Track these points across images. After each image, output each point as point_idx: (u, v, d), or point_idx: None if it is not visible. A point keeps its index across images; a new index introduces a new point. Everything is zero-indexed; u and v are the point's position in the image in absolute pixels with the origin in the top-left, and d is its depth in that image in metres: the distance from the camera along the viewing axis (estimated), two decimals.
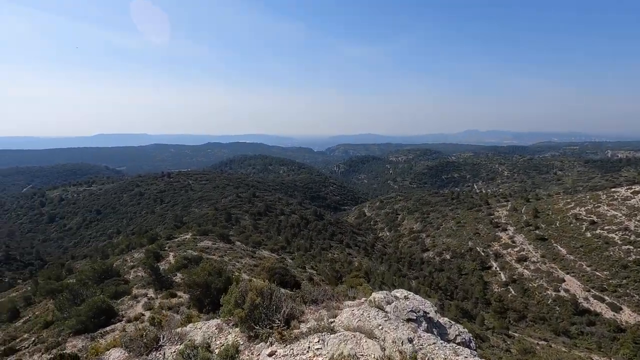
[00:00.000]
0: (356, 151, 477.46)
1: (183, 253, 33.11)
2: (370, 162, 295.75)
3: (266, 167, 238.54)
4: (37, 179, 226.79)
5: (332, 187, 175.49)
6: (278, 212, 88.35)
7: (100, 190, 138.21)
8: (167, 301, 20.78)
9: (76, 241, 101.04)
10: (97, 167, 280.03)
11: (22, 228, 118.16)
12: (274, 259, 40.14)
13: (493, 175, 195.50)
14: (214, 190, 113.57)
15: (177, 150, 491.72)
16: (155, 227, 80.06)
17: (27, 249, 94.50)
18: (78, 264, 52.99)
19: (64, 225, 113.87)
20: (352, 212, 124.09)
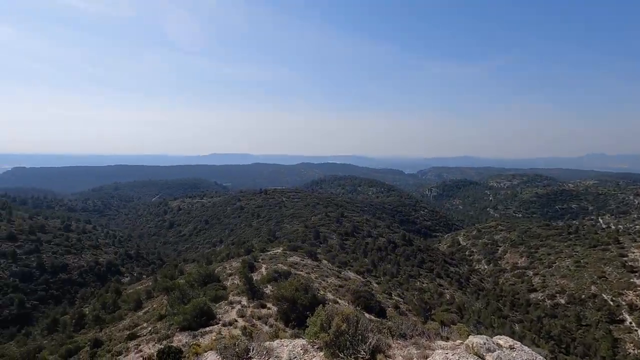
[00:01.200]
0: (451, 174, 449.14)
1: (274, 266, 34.94)
2: (466, 186, 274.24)
3: (355, 187, 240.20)
4: (164, 191, 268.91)
5: (423, 211, 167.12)
6: (365, 233, 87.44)
7: (209, 202, 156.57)
8: (257, 311, 22.01)
9: (188, 246, 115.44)
10: (208, 182, 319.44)
11: (149, 231, 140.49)
12: (360, 281, 39.50)
13: (626, 208, 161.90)
14: (305, 208, 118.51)
15: (275, 169, 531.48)
16: (252, 240, 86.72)
17: (151, 249, 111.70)
18: (188, 266, 60.26)
19: (180, 231, 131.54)
20: (445, 240, 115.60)
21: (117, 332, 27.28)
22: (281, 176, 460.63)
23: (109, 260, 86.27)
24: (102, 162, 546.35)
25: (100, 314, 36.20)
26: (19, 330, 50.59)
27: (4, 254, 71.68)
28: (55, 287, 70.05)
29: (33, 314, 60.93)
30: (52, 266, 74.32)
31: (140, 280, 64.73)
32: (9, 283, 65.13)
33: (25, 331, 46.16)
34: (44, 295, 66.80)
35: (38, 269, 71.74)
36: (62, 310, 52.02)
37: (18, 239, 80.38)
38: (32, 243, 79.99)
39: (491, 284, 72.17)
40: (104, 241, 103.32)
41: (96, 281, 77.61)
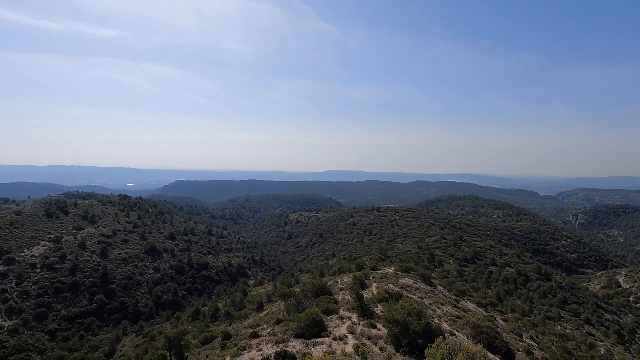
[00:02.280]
0: (605, 198, 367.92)
1: (385, 286, 34.15)
2: (630, 214, 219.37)
3: (477, 209, 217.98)
4: (285, 204, 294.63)
5: (565, 241, 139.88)
6: (489, 261, 77.96)
7: (324, 217, 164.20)
8: (367, 330, 21.76)
9: (304, 257, 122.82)
10: (324, 198, 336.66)
11: (271, 240, 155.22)
12: (482, 315, 35.27)
13: None
14: (419, 228, 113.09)
15: (388, 187, 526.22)
16: (363, 257, 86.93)
17: (272, 257, 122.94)
18: (303, 276, 63.99)
19: (297, 242, 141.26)
20: (597, 279, 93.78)
21: (242, 328, 30.65)
22: (394, 194, 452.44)
23: (239, 264, 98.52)
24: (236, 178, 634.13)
25: (231, 310, 41.33)
26: (173, 314, 61.72)
27: (167, 250, 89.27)
28: (198, 281, 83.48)
29: (182, 303, 73.69)
30: (198, 264, 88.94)
31: (262, 284, 71.70)
32: (169, 274, 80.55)
33: (176, 316, 56.07)
34: (191, 287, 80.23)
35: (188, 264, 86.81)
36: (203, 303, 61.48)
37: (176, 238, 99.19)
38: (185, 243, 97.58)
39: None
40: (236, 246, 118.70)
41: (228, 280, 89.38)
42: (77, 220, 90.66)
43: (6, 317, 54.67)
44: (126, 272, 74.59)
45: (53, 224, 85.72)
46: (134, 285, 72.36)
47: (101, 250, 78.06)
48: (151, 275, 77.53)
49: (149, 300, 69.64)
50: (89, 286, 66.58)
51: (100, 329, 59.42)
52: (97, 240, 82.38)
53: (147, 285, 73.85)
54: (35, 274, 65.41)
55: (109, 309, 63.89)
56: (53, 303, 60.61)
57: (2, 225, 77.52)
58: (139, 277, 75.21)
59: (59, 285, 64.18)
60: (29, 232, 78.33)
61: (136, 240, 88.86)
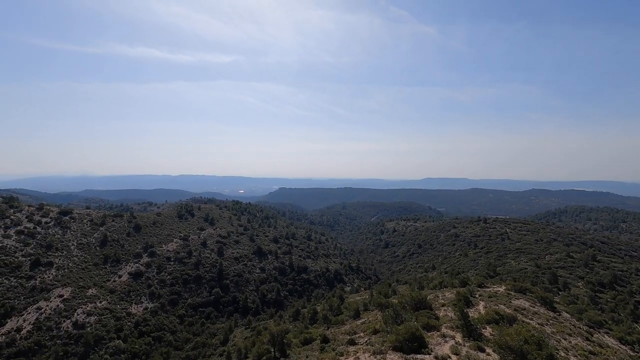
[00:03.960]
0: None
1: (495, 307, 30.70)
2: None
3: (616, 223, 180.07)
4: (381, 212, 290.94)
5: None
6: (635, 288, 63.25)
7: (423, 227, 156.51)
8: (474, 353, 19.83)
9: (401, 267, 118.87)
10: (422, 206, 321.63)
11: (367, 248, 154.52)
12: (626, 354, 28.84)
13: None
14: (536, 243, 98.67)
15: (496, 195, 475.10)
16: (467, 271, 79.80)
17: (368, 265, 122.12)
18: (400, 287, 61.90)
19: (394, 252, 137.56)
20: None
21: (339, 334, 31.09)
22: (504, 204, 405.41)
23: (336, 269, 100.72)
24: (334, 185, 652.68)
25: (328, 315, 42.38)
26: (276, 312, 66.39)
27: (271, 251, 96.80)
28: (298, 283, 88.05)
29: (284, 302, 78.65)
30: (298, 266, 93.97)
31: (358, 292, 71.73)
32: (272, 274, 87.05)
33: (279, 314, 60.10)
34: (291, 288, 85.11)
35: (289, 266, 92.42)
36: (302, 304, 64.53)
37: (279, 241, 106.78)
38: (287, 246, 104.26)
39: None
40: (333, 252, 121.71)
41: (325, 285, 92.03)
42: (200, 221, 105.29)
43: (150, 299, 66.39)
44: (237, 269, 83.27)
45: (182, 224, 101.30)
46: (243, 282, 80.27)
47: (218, 249, 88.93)
48: (258, 274, 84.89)
49: (256, 297, 76.27)
50: (208, 280, 76.41)
51: (217, 319, 67.38)
52: (215, 239, 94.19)
53: (254, 283, 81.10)
54: (170, 265, 78.04)
55: (224, 302, 72.09)
56: (182, 292, 71.28)
57: (148, 224, 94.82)
58: (248, 275, 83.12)
59: (187, 277, 75.24)
60: (165, 230, 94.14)
61: (246, 242, 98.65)
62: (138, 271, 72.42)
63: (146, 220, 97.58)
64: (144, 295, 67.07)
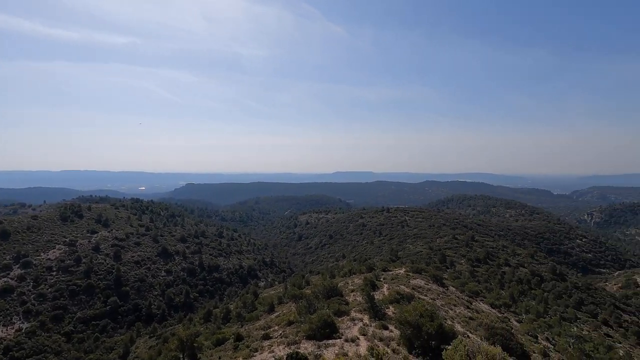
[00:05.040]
0: (621, 196, 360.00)
1: (396, 287, 33.91)
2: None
3: (488, 208, 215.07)
4: (294, 206, 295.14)
5: (580, 240, 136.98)
6: (501, 261, 76.76)
7: (333, 218, 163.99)
8: (379, 332, 21.62)
9: (314, 258, 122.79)
10: (333, 199, 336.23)
11: (281, 242, 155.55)
12: (495, 316, 34.77)
13: None
14: (429, 228, 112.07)
15: (397, 187, 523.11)
16: (373, 257, 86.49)
17: (282, 259, 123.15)
18: (313, 278, 63.98)
19: (307, 244, 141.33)
20: (615, 279, 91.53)
21: (254, 330, 30.75)
22: (404, 194, 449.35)
23: (249, 265, 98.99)
24: (246, 180, 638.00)
25: (242, 312, 41.51)
26: (185, 315, 62.36)
27: (178, 252, 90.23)
28: (210, 283, 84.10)
29: (194, 304, 74.35)
30: (209, 266, 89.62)
31: (273, 286, 71.90)
32: (180, 276, 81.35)
33: (188, 317, 56.60)
34: (202, 289, 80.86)
35: (199, 266, 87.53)
36: (214, 304, 61.92)
37: (187, 241, 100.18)
38: (196, 245, 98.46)
39: None
40: (246, 248, 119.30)
41: (239, 282, 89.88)
42: (91, 223, 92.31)
43: (24, 319, 55.87)
44: (139, 274, 75.59)
45: (68, 227, 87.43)
46: (146, 287, 73.28)
47: (114, 253, 79.30)
48: (163, 278, 78.39)
49: (162, 302, 70.42)
50: (103, 288, 67.65)
51: (115, 331, 60.28)
52: (110, 243, 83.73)
53: (159, 287, 74.69)
54: (51, 276, 66.72)
55: (123, 311, 64.81)
56: (69, 305, 61.72)
57: (19, 229, 79.36)
58: (152, 279, 76.14)
59: (74, 287, 65.35)
60: (45, 236, 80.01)
61: (148, 243, 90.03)
62: (7, 286, 60.24)
63: (17, 225, 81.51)
64: (16, 314, 56.24)
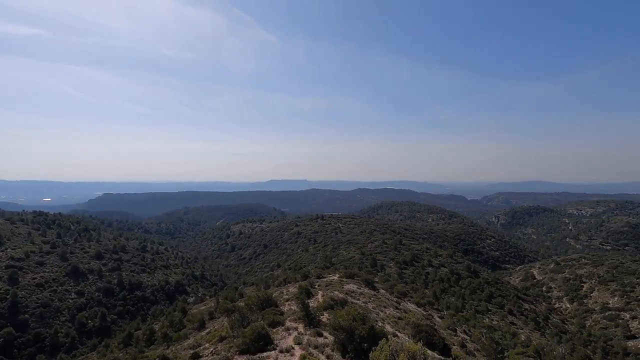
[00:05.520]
0: (521, 200, 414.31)
1: (330, 294, 34.48)
2: (540, 214, 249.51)
3: (414, 214, 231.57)
4: (227, 215, 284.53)
5: (489, 240, 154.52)
6: (425, 262, 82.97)
7: (268, 227, 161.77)
8: (314, 339, 21.69)
9: (248, 269, 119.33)
10: (267, 207, 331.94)
11: (213, 253, 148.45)
12: (421, 314, 37.22)
13: None
14: (361, 234, 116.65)
15: (331, 195, 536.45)
16: (308, 265, 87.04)
17: (214, 271, 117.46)
18: (247, 289, 62.08)
19: (240, 254, 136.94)
20: (517, 273, 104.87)
21: (182, 350, 28.64)
22: (337, 202, 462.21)
23: (177, 280, 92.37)
24: (174, 189, 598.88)
25: (168, 332, 38.42)
26: (100, 341, 55.67)
27: (92, 270, 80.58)
28: (131, 303, 76.51)
29: (112, 327, 66.83)
30: (130, 283, 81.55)
31: (204, 301, 67.95)
32: (95, 297, 72.64)
33: (105, 343, 50.63)
34: (122, 310, 73.17)
35: (118, 285, 79.19)
36: (136, 326, 56.37)
37: (104, 257, 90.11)
38: (115, 262, 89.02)
39: (576, 326, 63.16)
40: (174, 262, 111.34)
41: (165, 299, 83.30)
42: None
43: None
44: (42, 298, 65.69)
45: None
46: (52, 313, 63.95)
47: (9, 276, 67.88)
48: (73, 300, 69.23)
49: (71, 329, 62.00)
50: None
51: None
52: (4, 264, 71.58)
53: (68, 311, 65.74)
54: None
55: (20, 343, 55.59)
56: None
57: None
58: (58, 304, 66.71)
59: None
60: None
61: (55, 262, 78.96)
62: None
63: None
64: None
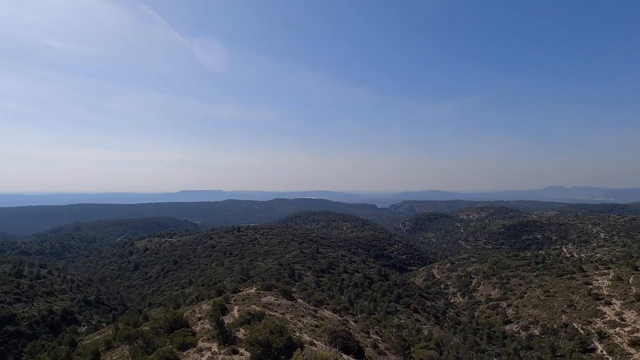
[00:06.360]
0: (422, 208, 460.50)
1: (247, 308, 33.37)
2: (438, 219, 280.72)
3: (330, 222, 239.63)
4: (130, 230, 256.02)
5: (397, 245, 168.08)
6: (341, 269, 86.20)
7: (179, 242, 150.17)
8: (228, 357, 20.65)
9: (154, 289, 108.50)
10: (178, 220, 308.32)
11: (112, 274, 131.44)
12: (337, 320, 38.35)
13: (586, 237, 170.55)
14: (279, 245, 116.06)
15: (248, 205, 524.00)
16: (223, 280, 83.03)
17: (113, 294, 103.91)
18: (154, 311, 56.33)
19: (146, 273, 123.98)
20: (420, 273, 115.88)
21: None
22: (255, 213, 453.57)
23: (64, 308, 79.02)
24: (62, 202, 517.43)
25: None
26: None
27: None
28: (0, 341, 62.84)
29: None
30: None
31: (98, 329, 59.40)
32: None
33: None
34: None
35: None
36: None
37: None
38: None
39: (467, 317, 72.06)
40: (60, 287, 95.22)
41: (48, 332, 70.51)
42: None
43: None
44: None
45: None
46: None
47: None
48: None
49: None
50: None
51: None
52: None
53: None
54: None
55: None
56: None
57: None
58: None
59: None
60: None
61: None
62: None
63: None
64: None
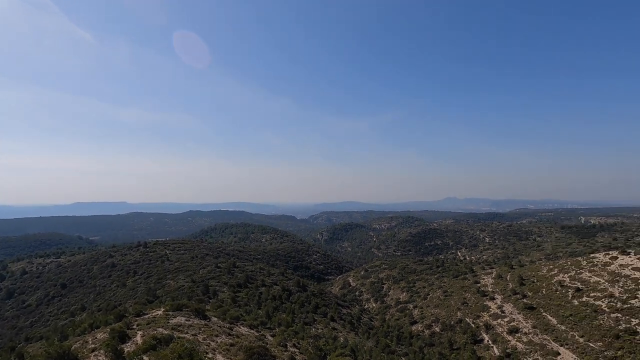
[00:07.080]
0: (339, 219, 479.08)
1: (153, 332, 30.25)
2: (353, 229, 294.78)
3: (248, 235, 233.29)
4: (2, 250, 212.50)
5: (315, 255, 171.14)
6: (259, 283, 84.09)
7: (69, 261, 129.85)
8: None
9: (34, 320, 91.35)
10: (69, 237, 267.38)
11: None
12: (253, 336, 37.17)
13: (475, 242, 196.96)
14: (192, 260, 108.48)
15: (157, 218, 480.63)
16: (125, 302, 74.04)
17: None
18: (33, 347, 47.29)
19: (23, 301, 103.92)
20: (337, 282, 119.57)
21: None
22: (165, 226, 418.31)
23: None
24: None
25: None
26: None
27: None
28: None
29: None
30: None
31: None
32: None
33: None
34: None
35: None
36: None
37: None
38: None
39: (379, 321, 76.39)
40: None
41: None
42: None
43: None
44: None
45: None
46: None
47: None
48: None
49: None
50: None
51: None
52: None
53: None
54: None
55: None
56: None
57: None
58: None
59: None
60: None
61: None
62: None
63: None
64: None
